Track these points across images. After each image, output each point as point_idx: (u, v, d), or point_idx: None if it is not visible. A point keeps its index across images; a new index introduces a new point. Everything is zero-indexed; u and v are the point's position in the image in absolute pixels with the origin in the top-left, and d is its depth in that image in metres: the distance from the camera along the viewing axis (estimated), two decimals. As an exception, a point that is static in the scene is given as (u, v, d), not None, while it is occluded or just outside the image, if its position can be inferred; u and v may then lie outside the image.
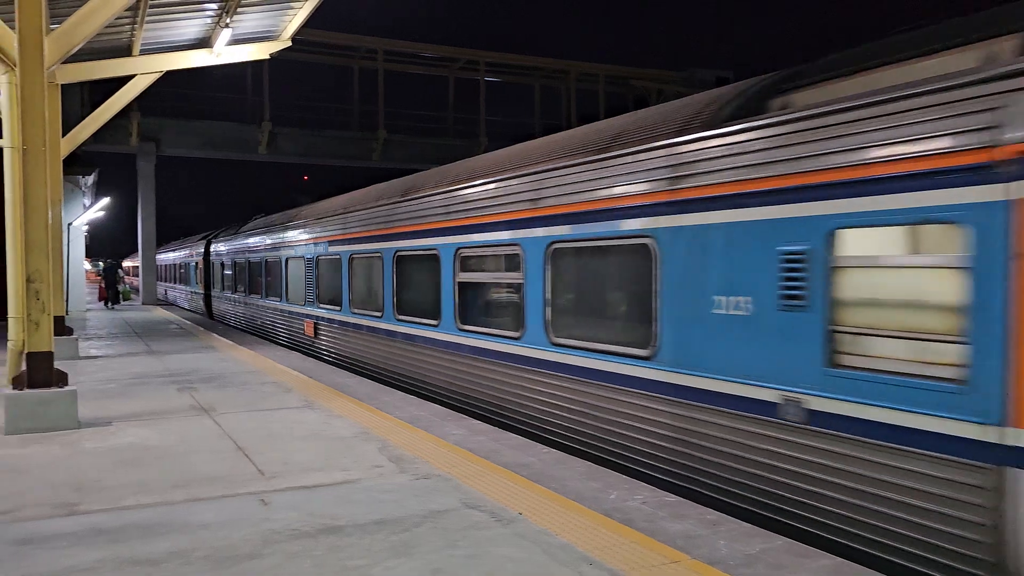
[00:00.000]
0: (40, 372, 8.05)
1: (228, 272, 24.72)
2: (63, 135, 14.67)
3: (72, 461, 6.66)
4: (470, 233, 9.50)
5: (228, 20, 13.98)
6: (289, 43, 16.49)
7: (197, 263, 31.11)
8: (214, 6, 14.41)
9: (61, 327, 14.25)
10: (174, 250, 39.25)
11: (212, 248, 27.56)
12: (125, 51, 15.84)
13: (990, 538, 4.08)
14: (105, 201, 29.57)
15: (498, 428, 8.12)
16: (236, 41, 15.80)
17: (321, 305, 15.39)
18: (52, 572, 4.17)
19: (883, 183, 4.63)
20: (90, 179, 28.79)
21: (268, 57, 16.56)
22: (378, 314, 12.55)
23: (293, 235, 17.30)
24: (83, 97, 29.25)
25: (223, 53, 15.64)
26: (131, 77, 15.88)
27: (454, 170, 10.83)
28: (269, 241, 19.40)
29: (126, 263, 64.97)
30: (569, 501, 5.37)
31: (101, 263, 41.50)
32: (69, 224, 24.77)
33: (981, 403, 4.13)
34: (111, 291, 32.16)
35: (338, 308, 14.37)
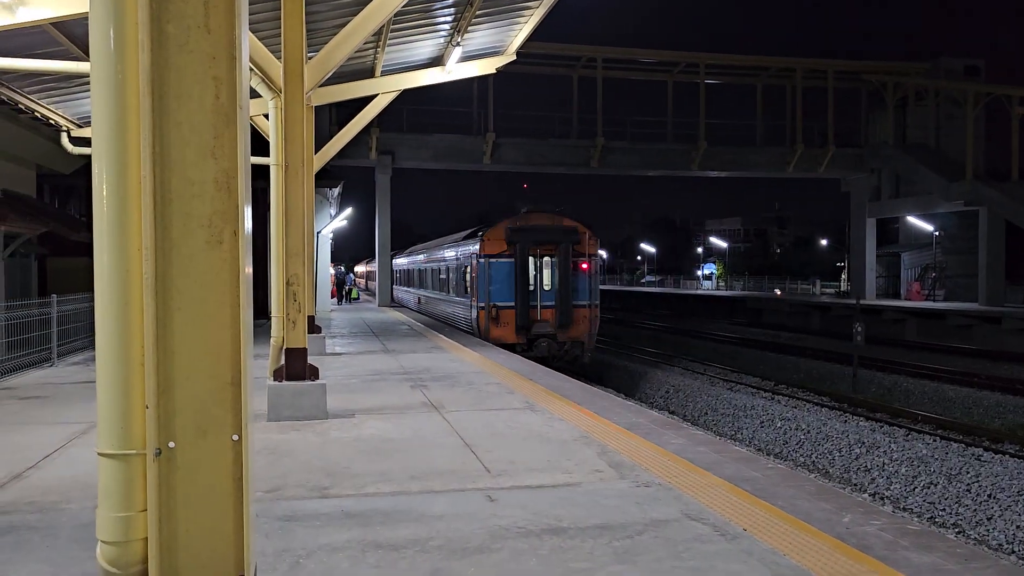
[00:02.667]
0: (296, 366, 8.96)
1: (397, 274, 42.69)
2: (315, 152, 16.24)
3: (323, 448, 7.36)
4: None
5: (459, 39, 14.80)
6: (514, 57, 17.15)
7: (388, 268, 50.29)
8: (447, 26, 15.32)
9: (312, 326, 15.74)
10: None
11: (393, 260, 44.70)
12: (368, 73, 17.25)
13: (471, 319, 21.77)
14: (348, 211, 32.23)
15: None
16: (466, 58, 16.67)
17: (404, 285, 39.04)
18: (309, 548, 4.64)
19: (483, 256, 20.83)
20: (336, 191, 31.53)
21: (495, 71, 17.31)
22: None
23: (415, 257, 35.68)
24: (331, 116, 32.07)
25: (454, 70, 16.58)
26: (373, 96, 17.27)
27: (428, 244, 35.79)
28: (405, 260, 39.29)
29: (357, 268, 72.84)
30: (798, 521, 5.13)
31: (343, 267, 48.03)
32: (318, 232, 27.31)
33: (469, 299, 21.86)
34: (340, 291, 42.60)
35: (414, 288, 35.58)
